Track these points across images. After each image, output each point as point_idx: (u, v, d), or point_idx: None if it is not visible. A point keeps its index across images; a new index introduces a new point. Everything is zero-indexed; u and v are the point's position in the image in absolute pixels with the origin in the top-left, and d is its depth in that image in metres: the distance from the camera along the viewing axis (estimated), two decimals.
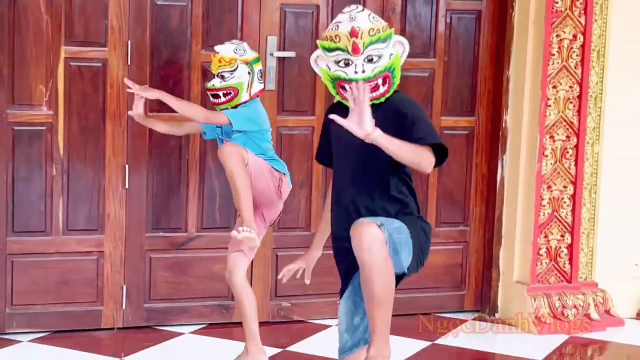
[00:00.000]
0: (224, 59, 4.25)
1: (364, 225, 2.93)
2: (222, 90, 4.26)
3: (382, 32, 3.13)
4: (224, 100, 4.27)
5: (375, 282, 2.93)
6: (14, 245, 4.83)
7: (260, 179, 4.20)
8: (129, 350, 4.72)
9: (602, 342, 5.25)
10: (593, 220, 5.48)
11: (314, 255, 3.68)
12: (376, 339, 2.98)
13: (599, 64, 5.35)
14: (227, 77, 4.24)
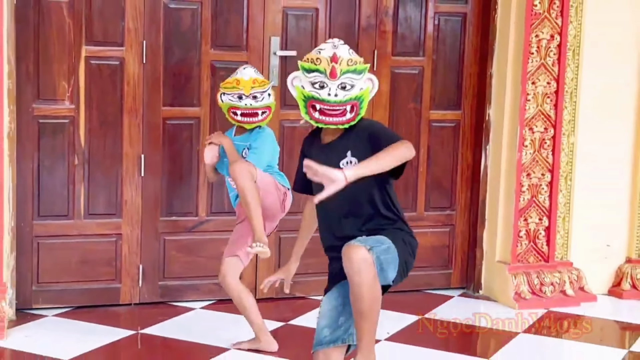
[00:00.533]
0: (257, 81, 4.27)
1: (354, 249, 2.94)
2: (261, 109, 4.28)
3: (359, 65, 3.16)
4: (261, 118, 4.30)
5: (365, 299, 2.95)
6: (40, 228, 4.86)
7: (267, 195, 4.21)
8: (145, 324, 4.75)
9: (576, 316, 5.25)
10: (568, 205, 5.49)
11: (291, 268, 3.66)
12: (363, 347, 3.02)
13: (574, 62, 5.36)
14: (259, 98, 4.27)
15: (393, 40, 5.37)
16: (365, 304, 2.95)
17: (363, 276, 2.92)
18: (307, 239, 3.61)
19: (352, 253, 2.93)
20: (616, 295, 5.68)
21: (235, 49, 5.09)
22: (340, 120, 3.13)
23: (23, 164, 4.79)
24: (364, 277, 2.92)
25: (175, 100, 5.00)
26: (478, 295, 5.58)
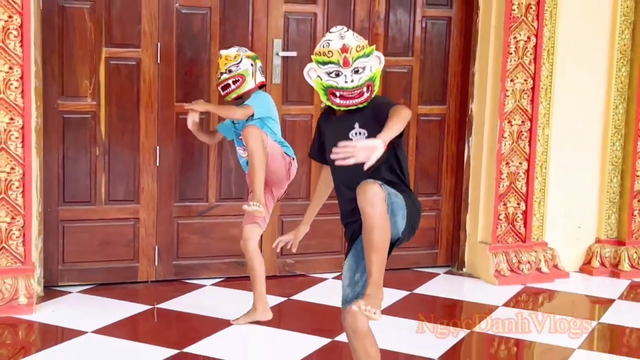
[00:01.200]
0: (229, 57, 4.29)
1: (369, 184, 2.95)
2: (232, 78, 4.27)
3: (366, 48, 3.18)
4: (234, 87, 4.28)
5: (375, 231, 2.93)
6: (65, 213, 4.90)
7: (274, 160, 4.20)
8: (160, 299, 4.78)
9: (550, 291, 5.29)
10: (543, 190, 5.51)
11: (302, 230, 3.65)
12: (372, 281, 2.96)
13: (549, 61, 5.38)
14: (234, 70, 4.28)
15: (384, 42, 5.41)
16: (376, 235, 2.95)
17: (376, 208, 2.93)
18: (318, 206, 3.61)
19: (367, 187, 2.96)
20: (587, 272, 5.72)
21: None
22: (360, 101, 3.17)
23: (49, 155, 4.81)
24: (376, 209, 2.93)
25: (187, 96, 5.01)
26: (462, 273, 5.61)
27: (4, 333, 4.23)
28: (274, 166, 4.22)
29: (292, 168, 4.36)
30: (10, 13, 4.36)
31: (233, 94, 4.30)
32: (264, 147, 4.10)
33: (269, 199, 4.35)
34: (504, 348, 4.36)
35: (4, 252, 4.50)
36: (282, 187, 4.40)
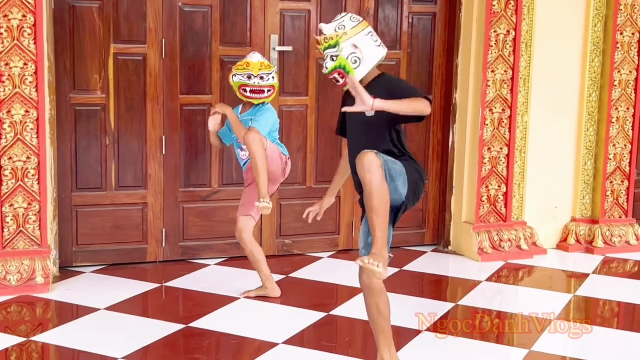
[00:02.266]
0: (264, 64, 4.27)
1: (365, 153, 2.99)
2: (267, 87, 4.26)
3: (332, 40, 3.22)
4: (267, 95, 4.28)
5: (374, 196, 2.95)
6: (77, 199, 4.88)
7: (272, 162, 4.22)
8: (168, 278, 4.78)
9: (530, 267, 5.30)
10: (523, 173, 5.50)
11: (325, 201, 3.71)
12: (376, 241, 2.97)
13: (527, 53, 5.36)
14: (266, 78, 4.25)
15: None
16: (375, 201, 2.97)
17: (373, 174, 2.96)
18: (341, 180, 3.65)
19: (363, 156, 2.99)
20: (563, 249, 5.71)
21: (241, 45, 5.07)
22: (339, 84, 3.28)
23: (62, 144, 4.79)
24: (373, 176, 2.96)
25: (190, 89, 5.01)
26: (447, 251, 5.61)
27: (22, 310, 4.24)
28: (272, 167, 4.24)
29: (287, 167, 4.38)
30: (24, 12, 4.33)
31: (261, 99, 4.29)
32: (264, 149, 4.12)
33: None
34: (487, 320, 4.35)
35: (22, 236, 4.49)
36: (277, 184, 4.43)
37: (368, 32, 3.26)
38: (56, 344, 3.80)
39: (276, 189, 4.48)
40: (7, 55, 4.33)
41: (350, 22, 3.25)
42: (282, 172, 4.36)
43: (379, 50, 3.27)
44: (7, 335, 3.85)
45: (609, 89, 5.56)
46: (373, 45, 3.25)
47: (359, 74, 3.21)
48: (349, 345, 3.97)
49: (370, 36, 3.25)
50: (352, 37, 3.21)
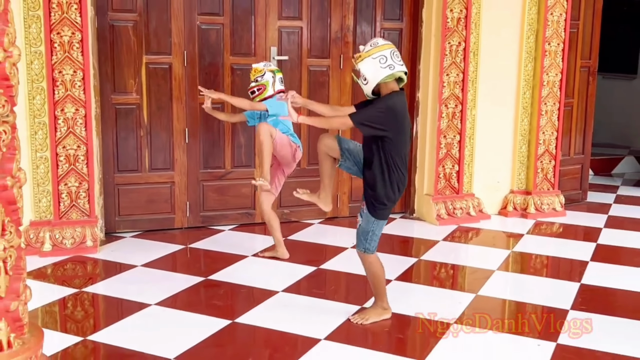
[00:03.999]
0: (257, 69, 4.21)
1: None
2: (257, 87, 4.19)
3: (354, 60, 3.20)
4: (257, 93, 4.19)
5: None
6: (119, 179, 4.85)
7: (283, 148, 4.17)
8: (192, 241, 4.77)
9: (477, 229, 5.30)
10: (471, 155, 5.48)
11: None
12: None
13: (475, 60, 5.34)
14: (259, 80, 4.20)
15: (353, 48, 5.31)
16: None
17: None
18: (322, 108, 3.48)
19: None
20: (503, 214, 5.71)
21: (247, 56, 5.03)
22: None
23: (106, 136, 4.76)
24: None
25: None
26: (412, 217, 5.59)
27: (76, 267, 4.25)
28: (283, 152, 4.18)
29: (297, 153, 4.29)
30: (73, 30, 4.29)
31: (257, 97, 4.22)
32: (271, 139, 4.06)
33: (281, 176, 4.33)
34: (443, 271, 4.36)
35: (75, 209, 4.48)
36: (291, 167, 4.36)
37: (378, 56, 3.10)
38: (103, 293, 3.82)
39: (291, 171, 4.39)
40: (61, 65, 4.30)
41: (368, 47, 3.15)
42: (292, 157, 4.27)
43: (383, 71, 3.11)
44: (64, 288, 3.87)
45: (540, 88, 5.55)
46: (377, 67, 3.10)
47: (367, 90, 3.17)
48: (334, 292, 3.98)
49: (378, 59, 3.10)
50: (364, 60, 3.13)
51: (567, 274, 4.40)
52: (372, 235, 3.27)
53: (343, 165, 3.29)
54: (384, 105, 3.11)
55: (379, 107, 3.11)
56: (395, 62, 3.13)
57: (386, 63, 3.12)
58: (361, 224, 3.31)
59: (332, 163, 3.33)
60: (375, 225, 3.26)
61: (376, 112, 3.10)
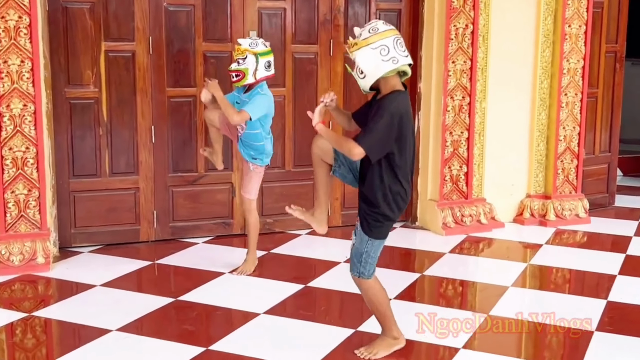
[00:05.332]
0: (239, 49, 4.15)
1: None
2: (235, 72, 4.15)
3: (348, 48, 3.07)
4: (236, 79, 4.16)
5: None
6: (75, 185, 4.83)
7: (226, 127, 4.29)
8: (160, 256, 4.75)
9: (489, 239, 5.30)
10: (482, 155, 5.50)
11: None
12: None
13: (484, 45, 5.34)
14: (240, 63, 4.14)
15: (344, 32, 5.31)
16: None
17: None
18: (342, 118, 3.38)
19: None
20: (519, 222, 5.72)
21: (222, 42, 5.03)
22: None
23: (59, 135, 4.74)
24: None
25: (176, 82, 4.96)
26: (415, 226, 5.60)
27: (25, 288, 4.23)
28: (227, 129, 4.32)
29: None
30: (20, 14, 4.27)
31: (236, 84, 4.19)
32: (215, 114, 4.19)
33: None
34: (450, 288, 4.37)
35: (23, 220, 4.46)
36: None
37: (379, 46, 2.95)
38: (57, 318, 3.78)
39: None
40: (5, 53, 4.28)
41: (366, 33, 2.99)
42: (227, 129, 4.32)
43: (384, 65, 2.96)
44: (12, 312, 3.83)
45: (559, 76, 5.56)
46: (378, 59, 2.95)
47: (364, 85, 3.04)
48: (325, 313, 3.98)
49: (379, 50, 2.95)
50: (360, 49, 2.98)
51: (592, 290, 4.41)
52: (366, 257, 3.20)
53: (337, 172, 3.23)
54: (388, 113, 2.98)
55: (384, 117, 2.98)
56: (399, 54, 2.98)
57: (388, 55, 2.96)
58: (355, 243, 3.24)
59: (328, 171, 3.25)
60: (370, 246, 3.19)
61: (382, 126, 2.98)
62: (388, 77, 3.03)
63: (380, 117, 2.98)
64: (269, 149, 4.31)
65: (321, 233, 3.41)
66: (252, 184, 4.34)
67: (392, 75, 3.03)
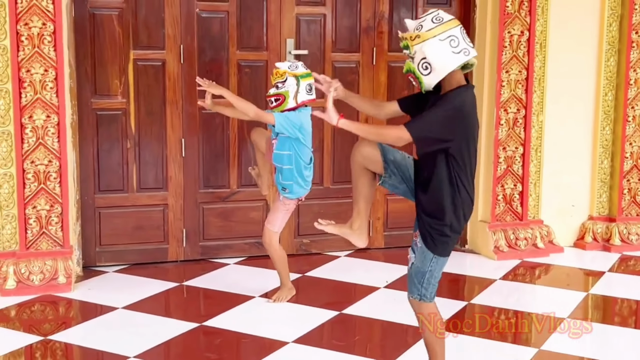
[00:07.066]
0: (278, 72, 4.04)
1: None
2: (274, 96, 4.04)
3: (406, 41, 2.85)
4: (275, 104, 4.04)
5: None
6: (100, 201, 4.82)
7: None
8: (188, 277, 4.71)
9: (546, 265, 5.16)
10: (539, 172, 5.37)
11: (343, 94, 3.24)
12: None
13: (542, 53, 5.22)
14: (280, 87, 4.03)
15: (389, 39, 5.21)
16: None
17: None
18: (362, 101, 3.28)
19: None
20: (580, 247, 5.56)
21: (257, 50, 4.98)
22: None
23: (85, 148, 4.73)
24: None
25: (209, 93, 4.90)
26: (464, 249, 5.47)
27: (45, 310, 4.21)
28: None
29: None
30: (44, 20, 4.28)
31: (275, 110, 4.07)
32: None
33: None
34: (503, 318, 4.21)
35: (45, 237, 4.44)
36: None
37: (447, 37, 2.76)
38: (77, 343, 3.73)
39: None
40: (29, 62, 4.28)
41: (429, 24, 2.79)
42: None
43: (456, 58, 2.77)
44: (30, 335, 3.81)
45: (625, 88, 5.41)
46: (448, 52, 2.76)
47: (429, 82, 2.82)
48: (357, 344, 3.85)
49: (448, 41, 2.76)
50: (425, 41, 2.77)
51: None
52: (429, 276, 2.97)
53: (387, 182, 3.00)
54: (451, 106, 2.79)
55: (445, 109, 2.79)
56: (468, 45, 2.81)
57: (459, 47, 2.77)
58: (415, 262, 3.01)
59: (372, 180, 3.02)
60: (434, 264, 2.96)
61: (441, 117, 2.78)
62: (453, 72, 2.82)
63: (441, 108, 2.79)
64: (301, 179, 4.13)
65: (361, 246, 3.19)
66: (277, 215, 4.22)
67: (457, 69, 2.83)
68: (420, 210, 2.94)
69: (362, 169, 3.00)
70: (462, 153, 2.84)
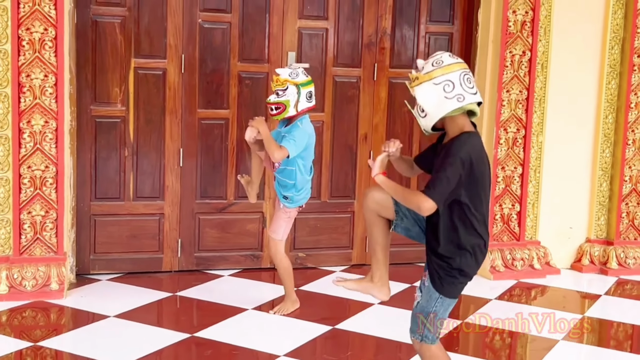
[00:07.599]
0: (279, 80, 4.05)
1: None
2: (275, 104, 4.05)
3: (410, 82, 2.85)
4: (276, 112, 4.06)
5: None
6: (96, 208, 4.82)
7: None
8: (182, 288, 4.70)
9: (542, 287, 5.14)
10: (537, 193, 5.36)
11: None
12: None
13: (543, 74, 5.23)
14: (280, 95, 4.04)
15: (390, 56, 5.24)
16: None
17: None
18: (405, 166, 3.14)
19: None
20: (577, 269, 5.54)
21: (258, 62, 4.99)
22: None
23: (82, 155, 4.74)
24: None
25: (208, 103, 4.93)
26: None
27: (36, 316, 4.21)
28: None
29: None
30: (45, 26, 4.30)
31: (276, 117, 4.10)
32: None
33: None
34: (498, 338, 4.20)
35: (38, 243, 4.45)
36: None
37: (443, 81, 2.73)
38: (68, 350, 3.73)
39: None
40: (29, 67, 4.30)
41: (429, 67, 2.78)
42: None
43: (448, 103, 2.72)
44: (21, 341, 3.80)
45: (626, 111, 5.41)
46: (440, 97, 2.73)
47: (425, 125, 2.81)
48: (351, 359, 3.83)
49: (442, 86, 2.73)
50: (421, 84, 2.76)
51: None
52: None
53: (399, 226, 2.95)
54: (458, 159, 2.72)
55: (453, 163, 2.72)
56: (465, 91, 2.74)
57: (453, 92, 2.73)
58: (420, 301, 2.92)
59: (386, 227, 2.96)
60: (439, 305, 2.86)
61: (450, 173, 2.71)
62: (455, 117, 2.78)
63: (449, 165, 2.72)
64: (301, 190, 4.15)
65: (384, 300, 3.08)
66: (279, 223, 4.23)
67: (459, 114, 2.78)
68: (428, 249, 2.90)
69: (376, 216, 2.96)
70: (473, 200, 2.79)
